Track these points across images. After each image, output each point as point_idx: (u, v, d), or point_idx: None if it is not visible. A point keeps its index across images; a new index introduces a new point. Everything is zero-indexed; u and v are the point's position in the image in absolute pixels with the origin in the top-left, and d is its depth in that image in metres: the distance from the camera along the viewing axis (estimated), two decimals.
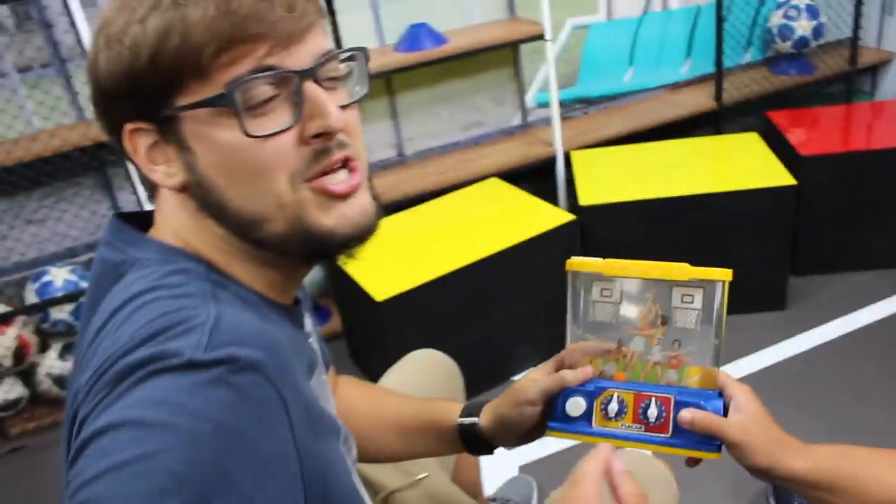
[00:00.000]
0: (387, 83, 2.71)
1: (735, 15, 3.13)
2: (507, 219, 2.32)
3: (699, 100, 3.02)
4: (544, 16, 2.50)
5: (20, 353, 2.27)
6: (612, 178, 2.51)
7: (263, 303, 0.69)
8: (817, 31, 3.04)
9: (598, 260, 0.86)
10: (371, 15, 2.63)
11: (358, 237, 0.69)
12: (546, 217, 2.25)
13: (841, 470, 0.81)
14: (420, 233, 2.34)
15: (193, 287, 0.63)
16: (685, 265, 0.84)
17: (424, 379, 1.36)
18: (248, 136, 0.62)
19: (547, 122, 2.70)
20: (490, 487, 1.85)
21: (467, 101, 2.86)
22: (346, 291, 2.29)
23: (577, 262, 0.87)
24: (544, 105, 2.79)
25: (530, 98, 2.95)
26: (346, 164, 0.67)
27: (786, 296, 2.44)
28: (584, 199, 2.34)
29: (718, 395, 0.83)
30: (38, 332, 2.36)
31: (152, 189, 0.71)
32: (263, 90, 0.63)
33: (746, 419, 0.81)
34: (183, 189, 0.67)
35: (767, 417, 0.83)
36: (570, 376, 0.84)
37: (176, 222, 0.69)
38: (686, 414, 0.80)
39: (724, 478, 1.82)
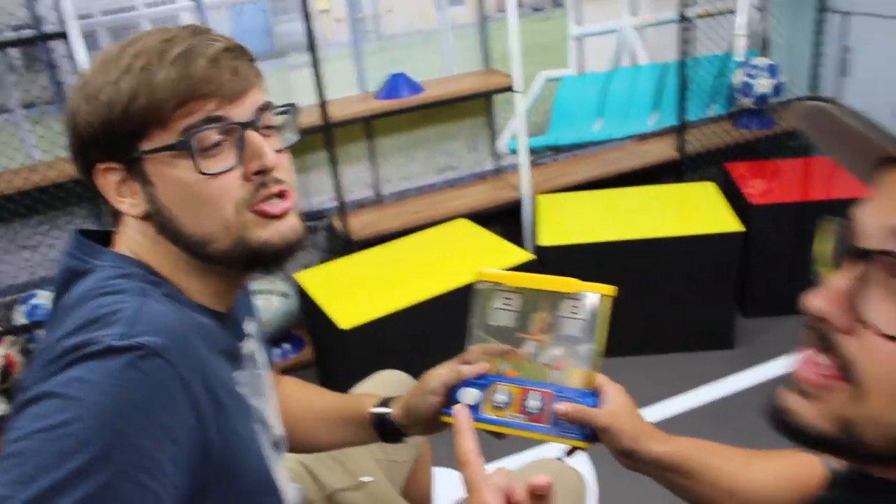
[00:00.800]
0: (366, 128, 2.88)
1: (700, 72, 3.32)
2: (470, 256, 2.47)
3: (663, 150, 3.20)
4: (515, 69, 2.68)
5: (6, 371, 2.40)
6: (573, 221, 2.68)
7: (195, 307, 0.85)
8: (777, 89, 3.22)
9: (503, 272, 0.98)
10: (353, 64, 2.82)
11: (287, 249, 0.86)
12: (507, 256, 2.41)
13: (695, 456, 0.93)
14: (389, 268, 2.49)
15: (129, 286, 0.79)
16: (575, 280, 0.95)
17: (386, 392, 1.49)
18: (202, 173, 0.80)
19: (516, 167, 2.87)
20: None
21: (442, 146, 3.03)
22: (316, 321, 2.43)
23: (484, 273, 0.98)
24: (515, 151, 2.97)
25: (502, 144, 3.12)
26: (281, 194, 0.85)
27: (734, 335, 2.59)
28: (543, 240, 2.50)
29: (593, 394, 0.94)
30: (24, 351, 2.50)
31: (115, 216, 0.88)
32: (213, 137, 0.80)
33: (614, 408, 0.92)
34: (145, 217, 0.84)
35: (634, 409, 0.95)
36: (467, 370, 0.96)
37: (132, 241, 0.86)
38: (561, 406, 0.91)
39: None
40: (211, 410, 0.76)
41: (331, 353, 2.44)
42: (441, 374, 0.98)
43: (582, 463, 2.12)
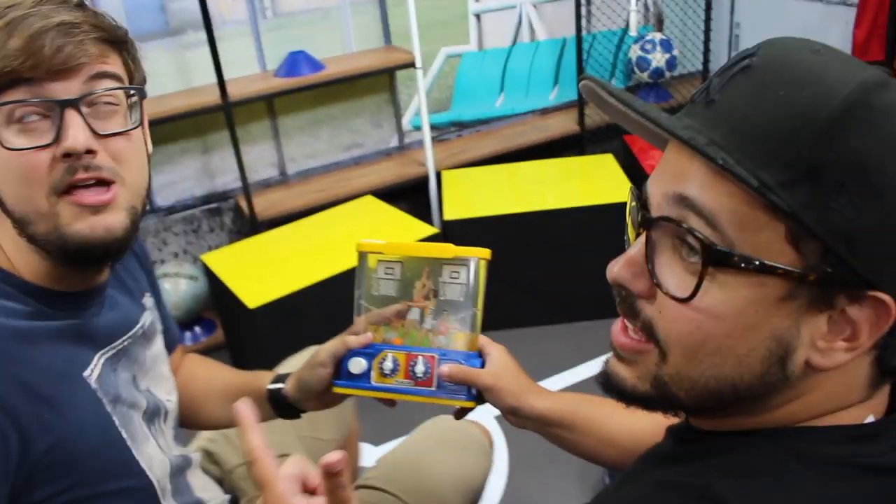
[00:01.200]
0: (268, 106, 2.86)
1: (597, 48, 3.41)
2: (377, 233, 2.49)
3: (565, 124, 3.28)
4: (415, 46, 2.71)
5: None
6: (478, 195, 2.73)
7: (30, 292, 0.84)
8: (670, 63, 3.34)
9: (382, 242, 0.98)
10: (253, 42, 2.79)
11: (101, 247, 0.82)
12: (412, 231, 2.44)
13: (579, 410, 0.95)
14: (296, 246, 2.49)
15: None
16: (452, 246, 0.95)
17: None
18: (4, 147, 0.77)
19: (422, 144, 2.91)
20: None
21: (347, 124, 3.04)
22: (225, 303, 2.42)
23: (364, 244, 0.98)
24: (419, 128, 3.00)
25: (406, 121, 3.14)
26: (100, 182, 0.80)
27: None
28: (449, 214, 2.55)
29: (478, 356, 0.95)
30: None
31: None
32: (22, 112, 0.77)
33: (497, 368, 0.94)
34: None
35: (517, 368, 0.97)
36: (353, 340, 0.96)
37: None
38: (444, 368, 0.92)
39: (571, 462, 2.03)
40: (24, 404, 0.76)
41: (241, 333, 2.43)
42: (328, 346, 0.98)
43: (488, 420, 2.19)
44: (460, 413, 1.00)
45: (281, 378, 1.08)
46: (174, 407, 1.06)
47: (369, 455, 2.13)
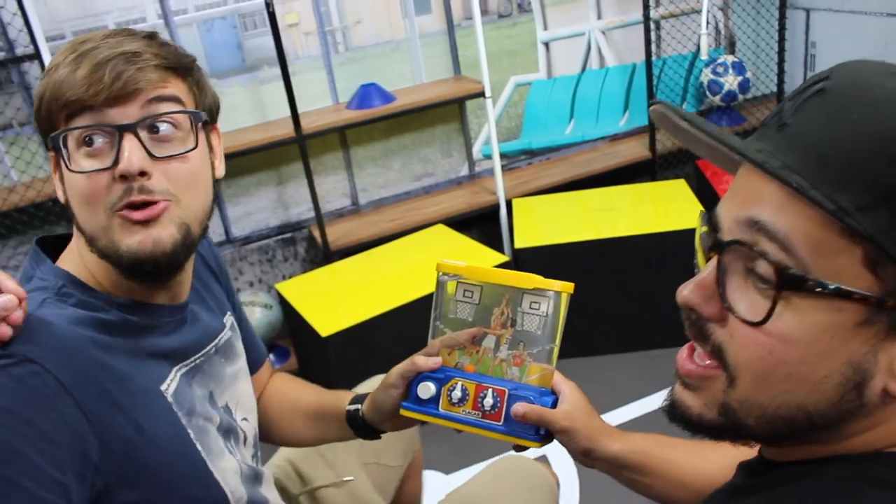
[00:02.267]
0: (341, 138, 2.92)
1: (668, 72, 3.38)
2: None
3: (635, 150, 3.25)
4: (484, 75, 2.73)
5: None
6: (548, 222, 2.73)
7: (114, 304, 0.88)
8: (743, 86, 3.28)
9: (463, 264, 0.95)
10: (325, 76, 2.86)
11: (151, 261, 0.85)
12: (483, 259, 2.45)
13: (650, 452, 0.93)
14: (368, 275, 2.52)
15: (36, 298, 0.83)
16: (535, 276, 0.92)
17: None
18: (70, 170, 0.83)
19: (492, 172, 2.92)
20: None
21: (418, 153, 3.07)
22: (298, 330, 2.46)
23: (444, 265, 0.96)
24: (489, 157, 3.01)
25: (477, 150, 3.16)
26: (145, 204, 0.84)
27: None
28: (519, 242, 2.54)
29: (550, 393, 0.93)
30: None
31: None
32: (87, 137, 0.83)
33: (570, 409, 0.92)
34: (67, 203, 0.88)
35: (589, 407, 0.95)
36: (422, 362, 0.95)
37: (74, 242, 0.90)
38: (519, 408, 0.90)
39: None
40: (105, 411, 0.79)
41: (314, 360, 2.47)
42: (399, 367, 0.99)
43: (561, 460, 2.16)
44: (520, 448, 0.97)
45: (359, 399, 1.09)
46: (250, 427, 1.08)
47: (439, 484, 2.12)
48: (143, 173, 0.83)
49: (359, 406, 1.08)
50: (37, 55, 2.22)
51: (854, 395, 0.53)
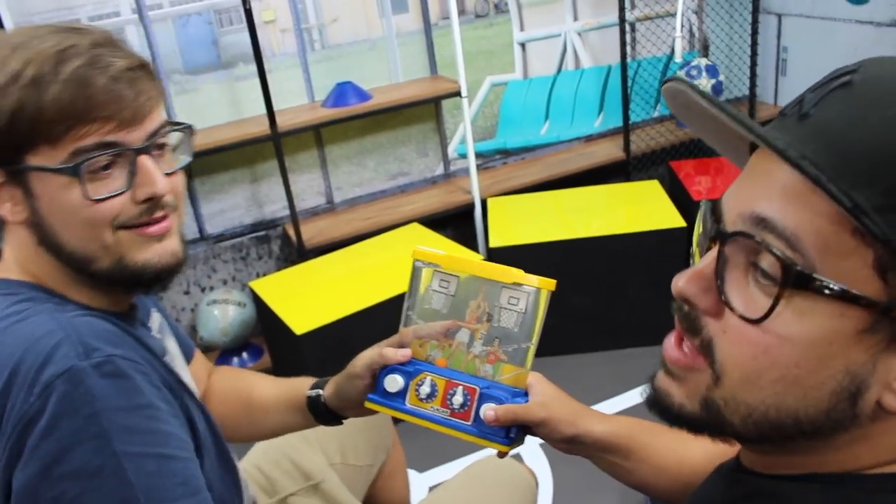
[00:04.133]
0: (316, 136, 2.91)
1: (643, 74, 3.41)
2: None
3: (610, 151, 3.27)
4: (460, 75, 2.74)
5: None
6: (523, 222, 2.74)
7: (100, 313, 0.86)
8: (716, 89, 3.31)
9: (441, 252, 0.90)
10: (301, 74, 2.85)
11: (166, 271, 0.87)
12: None
13: (634, 436, 0.90)
14: (343, 273, 2.52)
15: (40, 309, 0.80)
16: (515, 270, 0.88)
17: None
18: (89, 199, 0.79)
19: (468, 171, 2.93)
20: None
21: (393, 152, 3.07)
22: (272, 329, 2.45)
23: (420, 252, 0.91)
24: (464, 156, 3.02)
25: (452, 150, 3.17)
26: (161, 218, 0.86)
27: None
28: (494, 241, 2.55)
29: (524, 394, 0.88)
30: None
31: (1, 224, 0.86)
32: (103, 160, 0.80)
33: (544, 399, 0.88)
34: (26, 224, 0.83)
35: (562, 394, 0.90)
36: (391, 354, 0.90)
37: (21, 255, 0.86)
38: (490, 412, 0.86)
39: (615, 489, 2.00)
40: (167, 394, 0.83)
41: (288, 359, 2.46)
42: (366, 356, 0.95)
43: (535, 456, 2.17)
44: (502, 453, 0.93)
45: (320, 384, 1.06)
46: None
47: (413, 482, 2.13)
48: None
49: (320, 391, 1.04)
50: None
51: (847, 405, 0.51)
